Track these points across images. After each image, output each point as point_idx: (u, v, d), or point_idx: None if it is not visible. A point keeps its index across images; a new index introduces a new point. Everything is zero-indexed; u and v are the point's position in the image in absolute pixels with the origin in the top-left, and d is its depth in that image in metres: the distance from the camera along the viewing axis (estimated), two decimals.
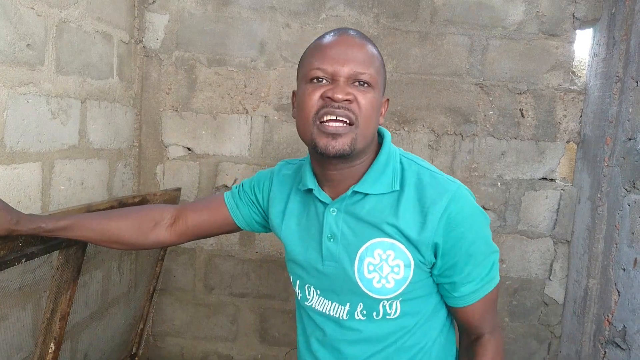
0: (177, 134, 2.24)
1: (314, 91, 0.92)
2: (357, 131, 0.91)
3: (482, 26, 2.16)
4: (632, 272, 1.73)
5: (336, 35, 0.95)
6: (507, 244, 2.24)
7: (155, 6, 2.18)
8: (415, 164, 1.01)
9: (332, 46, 0.93)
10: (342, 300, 1.01)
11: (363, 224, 0.98)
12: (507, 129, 2.19)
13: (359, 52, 0.93)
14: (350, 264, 0.98)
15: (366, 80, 0.92)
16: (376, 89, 0.94)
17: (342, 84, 0.91)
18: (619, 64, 1.94)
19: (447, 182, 0.97)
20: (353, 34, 0.96)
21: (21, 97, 1.42)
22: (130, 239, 1.18)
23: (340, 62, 0.91)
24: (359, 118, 0.91)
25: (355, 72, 0.91)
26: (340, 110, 0.90)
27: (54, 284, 1.35)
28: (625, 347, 1.74)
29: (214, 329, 2.37)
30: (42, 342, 1.35)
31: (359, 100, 0.91)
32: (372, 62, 0.94)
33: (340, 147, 0.90)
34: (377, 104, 0.95)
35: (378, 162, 0.99)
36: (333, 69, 0.91)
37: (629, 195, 1.79)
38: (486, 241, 0.98)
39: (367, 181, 0.98)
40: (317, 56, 0.94)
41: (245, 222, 1.19)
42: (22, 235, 1.08)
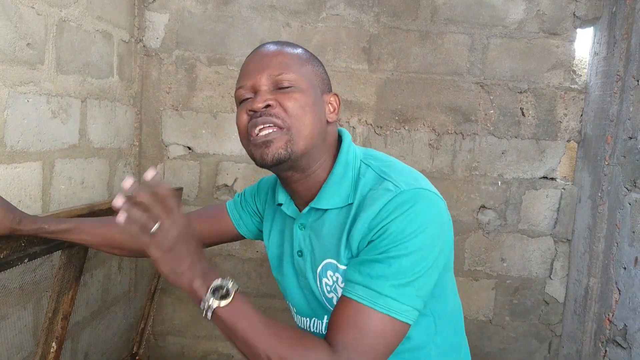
0: (178, 133, 2.24)
1: (242, 110, 0.90)
2: (291, 132, 0.86)
3: (482, 25, 2.15)
4: (633, 270, 1.73)
5: (253, 52, 0.94)
6: (507, 243, 2.24)
7: (156, 5, 2.17)
8: (372, 170, 0.92)
9: (248, 62, 0.93)
10: (318, 314, 0.99)
11: (322, 241, 0.93)
12: (508, 128, 2.19)
13: (274, 58, 0.90)
14: (314, 282, 0.96)
15: (287, 80, 0.88)
16: (304, 89, 0.89)
17: (262, 93, 0.88)
18: (620, 63, 1.93)
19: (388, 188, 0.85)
20: (269, 45, 0.94)
21: (21, 96, 1.42)
22: (132, 245, 1.17)
23: (256, 72, 0.89)
24: (288, 120, 0.86)
25: (273, 77, 0.88)
26: (262, 118, 0.86)
27: (56, 284, 1.35)
28: (626, 345, 1.74)
29: (215, 328, 2.36)
30: (44, 341, 1.35)
31: (283, 103, 0.87)
32: (292, 63, 0.90)
33: (274, 152, 0.86)
34: (310, 103, 0.89)
35: (334, 174, 0.92)
36: (251, 82, 0.89)
37: (630, 194, 1.79)
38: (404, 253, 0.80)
39: (324, 196, 0.92)
40: (239, 77, 0.93)
41: (249, 231, 1.18)
42: (24, 235, 1.08)
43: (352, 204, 0.90)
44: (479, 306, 2.28)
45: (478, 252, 2.25)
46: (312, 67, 0.93)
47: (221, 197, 2.27)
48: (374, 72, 2.19)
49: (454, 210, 2.20)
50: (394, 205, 0.82)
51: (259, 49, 0.94)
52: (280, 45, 0.94)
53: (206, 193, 2.27)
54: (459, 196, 2.21)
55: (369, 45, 2.18)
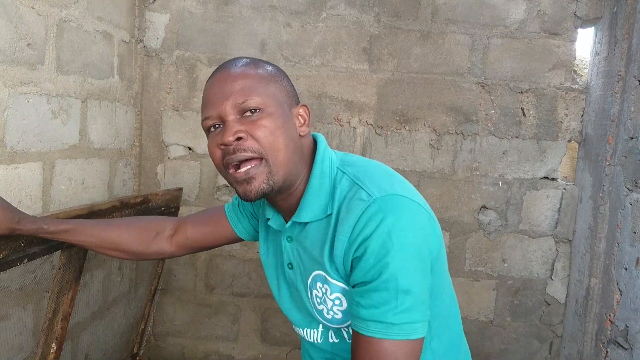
0: (178, 133, 2.24)
1: (212, 142, 0.88)
2: (269, 164, 0.85)
3: (483, 25, 2.15)
4: (634, 271, 1.72)
5: (213, 76, 0.91)
6: (508, 243, 2.23)
7: (156, 5, 2.17)
8: (347, 177, 0.89)
9: (211, 89, 0.89)
10: (311, 324, 1.00)
11: (308, 254, 0.92)
12: (509, 128, 2.18)
13: (235, 82, 0.86)
14: (305, 294, 0.96)
15: (253, 106, 0.85)
16: (272, 111, 0.86)
17: (230, 123, 0.85)
18: (621, 63, 1.93)
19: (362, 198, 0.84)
20: (229, 68, 0.89)
21: (22, 96, 1.42)
22: (130, 248, 1.17)
23: (220, 101, 0.86)
24: (262, 150, 0.84)
25: (237, 104, 0.85)
26: (236, 155, 0.85)
27: (55, 284, 1.35)
28: (627, 346, 1.74)
29: (215, 328, 2.37)
30: (44, 342, 1.35)
31: (253, 133, 0.84)
32: (255, 86, 0.86)
33: (258, 188, 0.85)
34: (280, 125, 0.86)
35: (310, 186, 0.91)
36: (217, 112, 0.86)
37: (631, 195, 1.78)
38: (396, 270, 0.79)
39: (303, 210, 0.91)
40: (204, 105, 0.90)
41: (246, 233, 1.18)
42: (23, 235, 1.08)
43: (331, 214, 0.88)
44: (479, 307, 2.28)
45: (479, 252, 2.24)
46: (276, 85, 0.90)
47: (221, 197, 2.27)
48: (375, 72, 2.19)
49: (455, 211, 2.20)
50: (368, 216, 0.81)
51: (219, 72, 0.90)
52: (240, 66, 0.89)
53: (207, 193, 2.27)
54: (460, 196, 2.20)
55: (369, 46, 2.18)
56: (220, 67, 0.91)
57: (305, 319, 1.00)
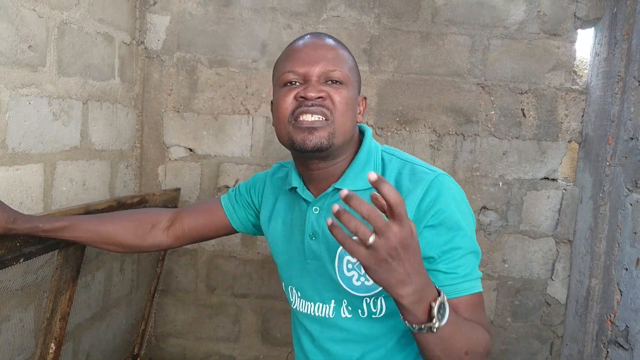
0: (179, 134, 2.25)
1: (288, 93, 0.94)
2: (334, 126, 0.93)
3: (483, 26, 2.15)
4: (635, 271, 1.72)
5: (306, 39, 0.98)
6: (509, 243, 2.23)
7: (157, 7, 2.18)
8: (397, 158, 1.00)
9: (302, 49, 0.96)
10: (325, 298, 1.01)
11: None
12: (509, 129, 2.19)
13: (328, 52, 0.95)
14: (330, 262, 0.98)
15: (338, 78, 0.94)
16: (350, 87, 0.95)
17: (314, 83, 0.93)
18: (621, 64, 1.93)
19: (425, 172, 0.94)
20: (323, 37, 0.98)
21: (23, 98, 1.42)
22: (127, 241, 1.18)
23: (311, 62, 0.93)
24: (334, 113, 0.93)
25: (327, 71, 0.93)
26: (314, 108, 0.92)
27: (53, 284, 1.35)
28: (627, 347, 1.74)
29: (216, 329, 2.37)
30: (43, 342, 1.35)
31: (333, 97, 0.93)
32: (343, 61, 0.96)
33: (317, 141, 0.91)
34: (352, 101, 0.96)
35: (359, 158, 0.99)
36: (304, 70, 0.93)
37: (631, 195, 1.78)
38: (469, 236, 0.92)
39: (348, 178, 0.98)
40: (289, 60, 0.96)
41: (242, 224, 1.20)
42: (19, 234, 1.08)
43: None
44: None
45: None
46: (356, 69, 1.00)
47: None
48: (375, 74, 2.19)
49: None
50: (438, 188, 0.91)
51: (313, 38, 0.98)
52: (334, 40, 0.99)
53: (207, 194, 2.27)
54: None
55: (369, 47, 2.18)
56: (312, 35, 0.99)
57: (318, 292, 1.02)
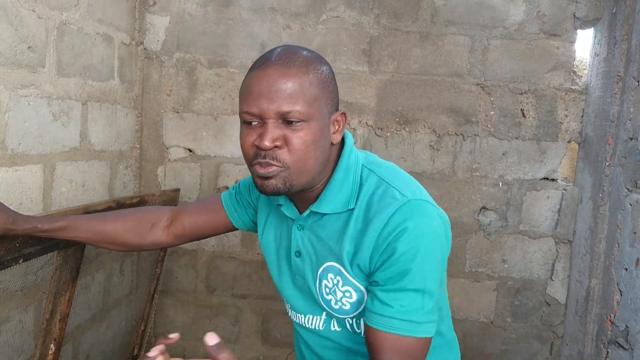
0: (178, 135, 2.25)
1: (247, 136, 0.88)
2: (290, 171, 0.86)
3: (482, 26, 2.15)
4: (634, 271, 1.72)
5: (260, 67, 0.87)
6: (508, 244, 2.23)
7: (156, 8, 2.18)
8: (375, 175, 0.93)
9: (256, 83, 0.86)
10: (315, 311, 1.01)
11: (322, 244, 0.94)
12: (509, 129, 2.19)
13: (286, 85, 0.84)
14: (313, 283, 0.97)
15: (296, 118, 0.84)
16: (313, 121, 0.86)
17: (270, 126, 0.85)
18: (620, 64, 1.93)
19: (393, 197, 0.87)
20: (278, 62, 0.86)
21: (22, 99, 1.42)
22: (127, 240, 1.18)
23: (265, 101, 0.84)
24: (290, 161, 0.85)
25: (283, 112, 0.84)
26: (266, 161, 0.85)
27: (52, 285, 1.35)
28: (627, 347, 1.74)
29: (216, 330, 2.36)
30: (42, 343, 1.35)
31: (290, 142, 0.85)
32: (303, 93, 0.85)
33: (273, 188, 0.87)
34: (317, 137, 0.87)
35: (334, 179, 0.93)
36: (259, 111, 0.85)
37: (631, 195, 1.79)
38: (421, 272, 0.84)
39: (324, 201, 0.93)
40: (245, 98, 0.88)
41: (242, 222, 1.19)
42: (18, 235, 1.08)
43: (352, 209, 0.91)
44: (480, 308, 2.28)
45: (479, 253, 2.24)
46: (324, 92, 0.89)
47: None
48: (375, 74, 2.19)
49: (455, 212, 2.20)
50: (402, 216, 0.85)
51: (268, 67, 0.86)
52: (291, 63, 0.86)
53: (207, 195, 2.27)
54: (460, 197, 2.21)
55: (369, 47, 2.18)
56: (270, 59, 0.87)
57: (308, 305, 1.01)
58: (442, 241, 0.89)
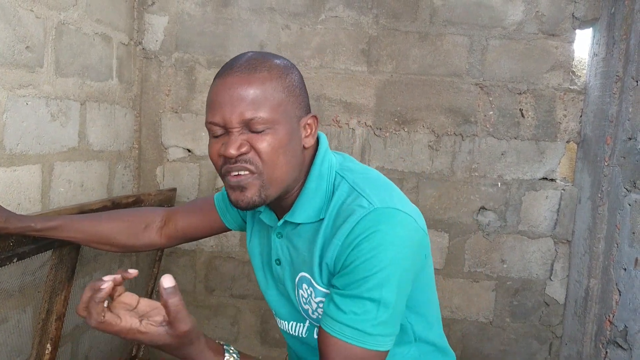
0: (177, 135, 2.24)
1: (213, 147, 0.86)
2: (264, 178, 0.84)
3: (481, 26, 2.16)
4: (633, 271, 1.72)
5: (222, 76, 0.85)
6: (507, 244, 2.23)
7: (155, 8, 2.18)
8: (346, 182, 0.90)
9: (219, 92, 0.84)
10: (299, 318, 1.00)
11: (298, 254, 0.93)
12: (507, 129, 2.19)
13: (246, 91, 0.82)
14: (292, 291, 0.96)
15: (260, 123, 0.82)
16: (279, 125, 0.84)
17: (235, 135, 0.82)
18: (619, 64, 1.93)
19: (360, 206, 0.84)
20: (240, 69, 0.84)
21: (20, 99, 1.42)
22: (120, 241, 1.17)
23: (228, 110, 0.82)
24: (261, 165, 0.83)
25: (245, 120, 0.82)
26: (237, 166, 0.83)
27: (48, 284, 1.35)
28: (626, 347, 1.74)
29: (215, 330, 2.37)
30: (39, 343, 1.35)
31: (257, 148, 0.83)
32: (266, 99, 0.82)
33: (249, 200, 0.85)
34: (284, 142, 0.84)
35: (307, 188, 0.90)
36: (222, 120, 0.83)
37: (630, 195, 1.79)
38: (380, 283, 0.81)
39: (297, 210, 0.91)
40: (209, 107, 0.86)
41: (234, 223, 1.19)
42: (12, 234, 1.08)
43: (323, 219, 0.89)
44: (479, 308, 2.28)
45: (478, 253, 2.24)
46: (289, 96, 0.86)
47: None
48: (373, 74, 2.19)
49: (454, 212, 2.20)
50: (365, 225, 0.82)
51: (230, 73, 0.84)
52: (253, 70, 0.84)
53: (206, 195, 2.27)
54: (459, 198, 2.21)
55: (368, 47, 2.18)
56: (232, 67, 0.85)
57: (292, 313, 1.01)
58: (411, 250, 0.85)
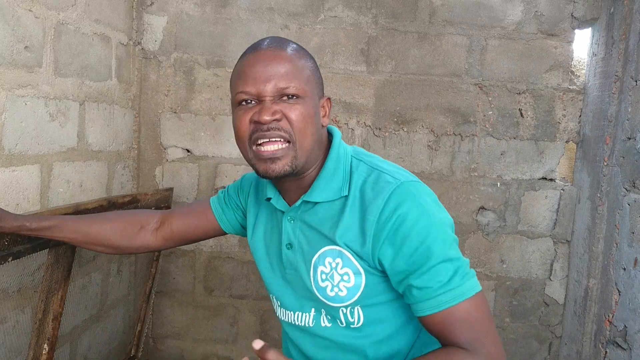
0: (176, 135, 2.24)
1: (244, 115, 0.90)
2: (296, 147, 0.89)
3: (480, 26, 2.16)
4: (633, 271, 1.72)
5: (254, 51, 0.91)
6: (507, 244, 2.23)
7: (154, 8, 2.17)
8: (364, 164, 0.96)
9: (251, 64, 0.90)
10: (304, 307, 1.00)
11: (315, 232, 0.96)
12: (507, 129, 2.19)
13: (281, 65, 0.89)
14: (306, 272, 0.97)
15: (293, 93, 0.88)
16: (307, 98, 0.90)
17: (268, 103, 0.88)
18: (618, 64, 1.94)
19: (387, 181, 0.90)
20: (272, 46, 0.91)
21: (19, 99, 1.42)
22: (115, 242, 1.17)
23: (263, 80, 0.88)
24: (294, 134, 0.89)
25: (279, 89, 0.88)
26: (270, 132, 0.87)
27: (44, 284, 1.34)
28: (626, 347, 1.74)
29: (214, 331, 2.36)
30: (35, 343, 1.34)
31: (289, 116, 0.88)
32: (297, 71, 0.90)
33: (280, 169, 0.89)
34: (312, 113, 0.91)
35: (326, 168, 0.95)
36: (256, 90, 0.88)
37: (629, 195, 1.79)
38: (439, 244, 0.87)
39: (316, 190, 0.95)
40: (240, 79, 0.91)
41: (231, 226, 1.19)
42: (6, 233, 1.08)
43: (346, 196, 0.94)
44: None
45: (477, 253, 2.24)
46: (313, 74, 0.94)
47: None
48: (373, 74, 2.19)
49: (453, 212, 2.19)
50: (399, 198, 0.87)
51: (261, 50, 0.91)
52: (282, 47, 0.91)
53: (205, 195, 2.27)
54: (458, 197, 2.21)
55: (367, 47, 2.18)
56: (264, 44, 0.92)
57: (298, 301, 1.01)
58: (442, 211, 0.92)
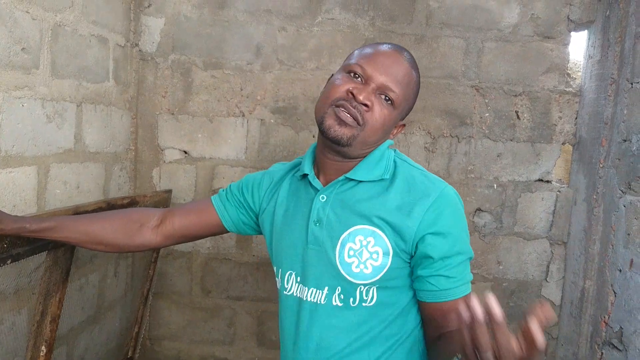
0: (174, 137, 2.24)
1: (346, 82, 0.99)
2: (361, 133, 0.98)
3: (477, 29, 2.16)
4: (628, 273, 1.73)
5: (392, 48, 1.03)
6: (503, 245, 2.24)
7: (151, 10, 2.18)
8: (407, 164, 1.08)
9: (382, 54, 1.01)
10: (320, 284, 1.03)
11: (349, 210, 1.03)
12: (503, 131, 2.19)
13: (399, 70, 1.00)
14: (332, 248, 1.02)
15: (392, 97, 0.99)
16: (396, 110, 1.01)
17: (370, 89, 0.98)
18: (614, 66, 1.94)
19: (438, 181, 1.03)
20: (407, 56, 1.03)
21: (16, 100, 1.42)
22: (115, 241, 1.18)
23: (381, 71, 0.98)
24: (367, 124, 0.98)
25: (386, 86, 0.98)
26: (353, 110, 0.97)
27: (43, 286, 1.34)
28: (621, 348, 1.74)
29: (211, 332, 2.36)
30: (33, 345, 1.34)
31: (375, 110, 0.98)
32: (407, 86, 1.01)
33: (340, 134, 0.98)
34: (390, 123, 1.02)
35: (372, 155, 1.05)
36: (371, 73, 0.98)
37: (625, 197, 1.79)
38: (466, 244, 1.02)
39: (359, 170, 1.04)
40: (366, 56, 1.01)
41: (233, 223, 1.20)
42: (6, 235, 1.08)
43: (386, 179, 1.03)
44: None
45: (474, 254, 2.24)
46: (413, 97, 1.06)
47: None
48: None
49: None
50: (446, 199, 1.00)
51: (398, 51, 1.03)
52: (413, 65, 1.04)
53: (202, 197, 2.27)
54: None
55: None
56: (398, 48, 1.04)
57: (315, 277, 1.04)
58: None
